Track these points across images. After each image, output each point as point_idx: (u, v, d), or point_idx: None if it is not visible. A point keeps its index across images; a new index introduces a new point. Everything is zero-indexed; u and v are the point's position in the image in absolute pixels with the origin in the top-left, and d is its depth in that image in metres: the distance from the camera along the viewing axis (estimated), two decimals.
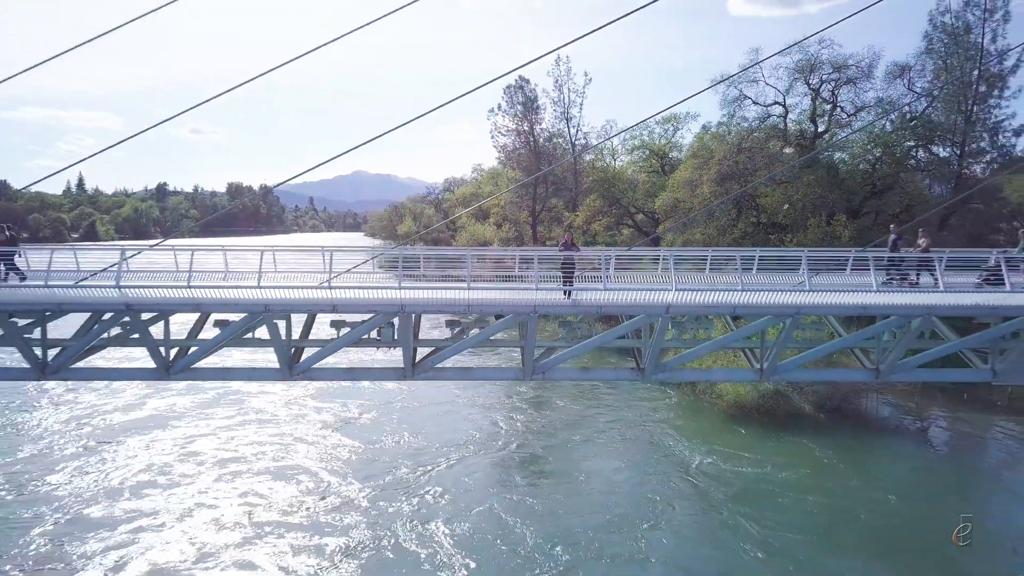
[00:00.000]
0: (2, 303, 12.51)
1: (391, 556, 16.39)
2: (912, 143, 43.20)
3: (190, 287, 12.58)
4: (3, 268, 14.61)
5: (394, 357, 15.51)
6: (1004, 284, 13.32)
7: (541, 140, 63.01)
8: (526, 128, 61.97)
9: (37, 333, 13.63)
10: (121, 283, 12.46)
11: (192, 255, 13.31)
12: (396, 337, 13.87)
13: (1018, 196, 43.89)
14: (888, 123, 43.64)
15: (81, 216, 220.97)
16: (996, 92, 37.62)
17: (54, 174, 15.10)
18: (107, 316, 12.94)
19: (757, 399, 25.49)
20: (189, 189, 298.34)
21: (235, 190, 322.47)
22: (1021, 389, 27.76)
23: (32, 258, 16.19)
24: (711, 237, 41.29)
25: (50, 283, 13.51)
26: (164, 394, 28.75)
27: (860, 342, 14.36)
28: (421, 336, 15.05)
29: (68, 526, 17.85)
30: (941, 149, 42.92)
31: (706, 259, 15.55)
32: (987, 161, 38.97)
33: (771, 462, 22.12)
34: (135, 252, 13.34)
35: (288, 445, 23.60)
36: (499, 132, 63.26)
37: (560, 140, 65.42)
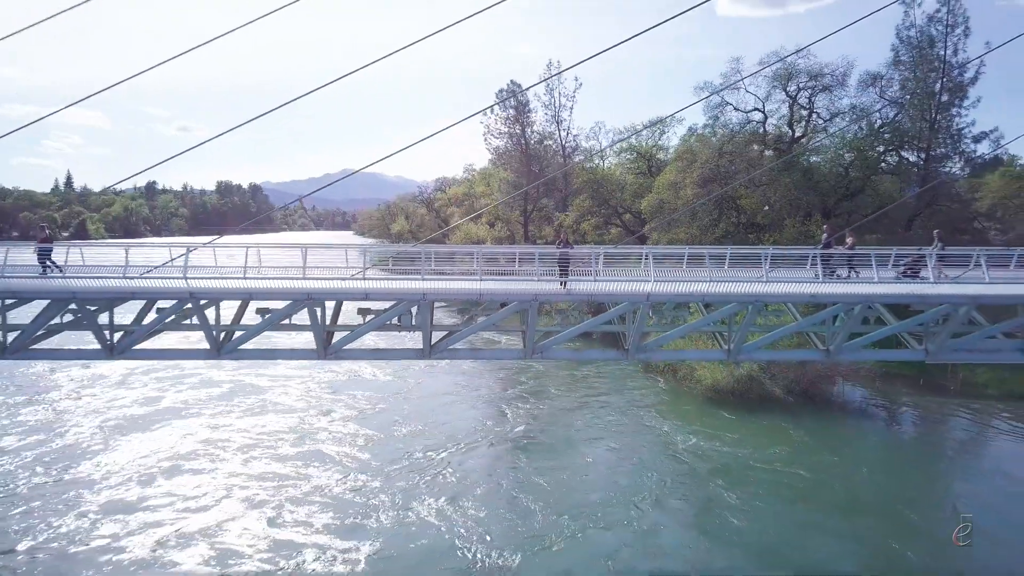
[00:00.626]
0: (82, 291, 14.64)
1: (414, 527, 18.51)
2: (882, 148, 45.93)
3: (245, 278, 14.78)
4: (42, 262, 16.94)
5: (408, 341, 17.74)
6: (918, 277, 15.84)
7: (532, 142, 65.30)
8: (518, 131, 64.24)
9: (104, 319, 15.78)
10: (186, 275, 14.65)
11: (246, 252, 15.52)
12: (415, 322, 16.13)
13: (993, 197, 46.77)
14: (861, 129, 46.33)
15: (71, 214, 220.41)
16: (958, 101, 40.32)
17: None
18: (169, 304, 15.10)
19: (732, 384, 27.95)
20: (177, 187, 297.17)
21: (224, 188, 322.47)
22: (971, 376, 30.42)
23: (84, 253, 18.30)
24: (694, 236, 43.75)
25: (104, 276, 15.83)
26: (198, 379, 30.78)
27: (813, 327, 16.78)
28: (434, 322, 17.31)
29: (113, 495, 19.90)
30: (910, 154, 45.68)
31: (683, 256, 17.92)
32: (950, 166, 41.64)
33: (748, 440, 24.49)
34: (193, 248, 15.49)
35: (309, 429, 25.71)
36: (492, 135, 65.54)
37: (550, 143, 67.83)
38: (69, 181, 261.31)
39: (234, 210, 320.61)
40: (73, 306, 15.32)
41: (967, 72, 39.14)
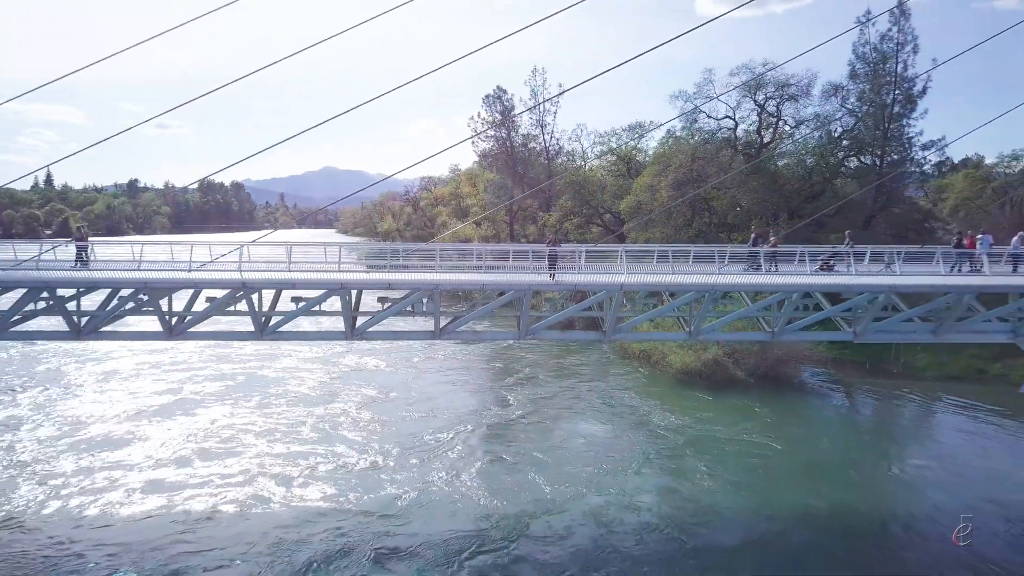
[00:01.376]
0: (154, 282, 17.50)
1: (426, 492, 21.41)
2: (842, 154, 49.70)
3: (290, 271, 17.73)
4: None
5: (415, 325, 20.71)
6: (832, 270, 19.28)
7: (517, 145, 68.37)
8: (504, 134, 67.30)
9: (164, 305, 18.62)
10: (241, 268, 17.59)
11: (290, 249, 18.47)
12: (426, 308, 19.15)
13: (957, 197, 50.75)
14: (823, 136, 50.06)
15: (52, 212, 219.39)
16: (908, 112, 44.11)
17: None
18: (223, 293, 18.00)
19: (700, 367, 31.28)
20: (157, 184, 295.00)
21: (207, 187, 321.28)
22: (911, 360, 34.10)
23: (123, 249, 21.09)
24: (669, 235, 47.12)
25: (167, 268, 18.80)
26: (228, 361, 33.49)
27: (760, 312, 20.09)
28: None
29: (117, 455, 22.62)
30: (867, 160, 49.46)
31: (654, 253, 21.15)
32: (901, 171, 45.39)
33: (717, 417, 27.65)
34: (243, 245, 18.37)
35: (329, 412, 28.55)
36: (479, 138, 68.46)
37: (535, 145, 70.95)
38: (49, 178, 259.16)
39: (216, 208, 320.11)
40: (124, 293, 18.26)
41: (916, 86, 42.89)
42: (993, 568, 16.93)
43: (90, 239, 21.41)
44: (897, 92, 43.63)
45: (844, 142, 48.79)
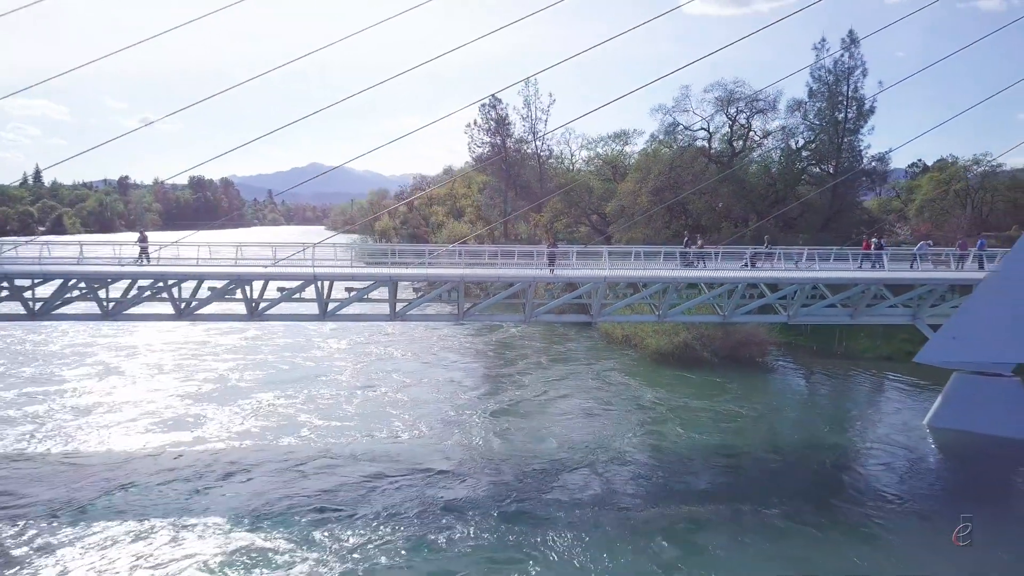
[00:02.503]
0: (246, 275, 22.66)
1: (434, 461, 26.48)
2: (803, 164, 55.53)
3: (352, 266, 22.99)
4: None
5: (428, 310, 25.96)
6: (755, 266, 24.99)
7: (511, 150, 73.64)
8: (499, 141, 72.55)
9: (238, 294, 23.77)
10: (314, 264, 22.83)
11: (352, 250, 23.69)
12: (451, 296, 24.47)
13: (923, 198, 56.72)
14: (787, 147, 55.87)
15: (44, 209, 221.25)
16: (859, 127, 49.96)
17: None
18: (296, 283, 23.21)
19: (672, 349, 36.72)
20: (143, 180, 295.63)
21: (197, 184, 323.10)
22: (852, 344, 39.84)
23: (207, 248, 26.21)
24: (649, 236, 52.55)
25: (251, 265, 24.05)
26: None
27: (713, 299, 25.59)
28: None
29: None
30: (825, 169, 55.30)
31: (631, 252, 26.61)
32: (854, 179, 51.25)
33: (690, 391, 32.65)
34: (310, 245, 23.56)
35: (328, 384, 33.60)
36: (475, 144, 73.75)
37: (527, 149, 76.23)
38: (38, 174, 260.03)
39: (206, 205, 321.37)
40: (211, 284, 23.43)
41: (865, 105, 48.75)
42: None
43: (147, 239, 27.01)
44: (849, 110, 49.42)
45: (805, 153, 54.61)
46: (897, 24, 35.41)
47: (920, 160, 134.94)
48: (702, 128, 57.73)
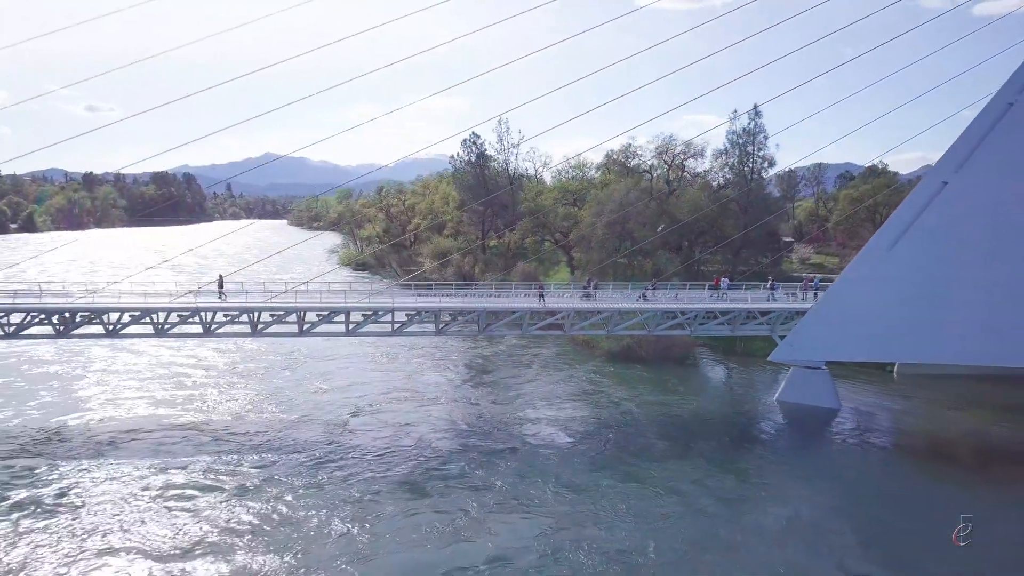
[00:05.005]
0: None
1: (427, 442, 39.74)
2: (723, 201, 70.57)
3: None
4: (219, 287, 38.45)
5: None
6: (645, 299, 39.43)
7: (488, 179, 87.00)
8: (478, 171, 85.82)
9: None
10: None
11: (412, 286, 36.97)
12: (471, 319, 37.91)
13: (840, 213, 71.72)
14: (711, 187, 70.85)
15: (11, 205, 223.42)
16: (765, 172, 65.27)
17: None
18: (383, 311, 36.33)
19: (619, 349, 50.87)
20: (90, 171, 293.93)
21: (160, 179, 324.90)
22: (750, 345, 54.81)
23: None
24: (603, 257, 66.72)
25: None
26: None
27: (643, 320, 39.74)
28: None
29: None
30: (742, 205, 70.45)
31: (590, 294, 40.53)
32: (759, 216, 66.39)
33: (631, 381, 46.44)
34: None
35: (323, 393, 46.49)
36: (457, 171, 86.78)
37: (499, 170, 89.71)
38: None
39: (171, 201, 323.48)
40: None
41: (766, 163, 64.10)
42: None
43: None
44: (754, 163, 64.68)
45: (724, 190, 69.76)
46: (844, 17, 48.63)
47: (848, 171, 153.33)
48: (645, 171, 72.33)
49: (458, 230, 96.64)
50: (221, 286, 38.92)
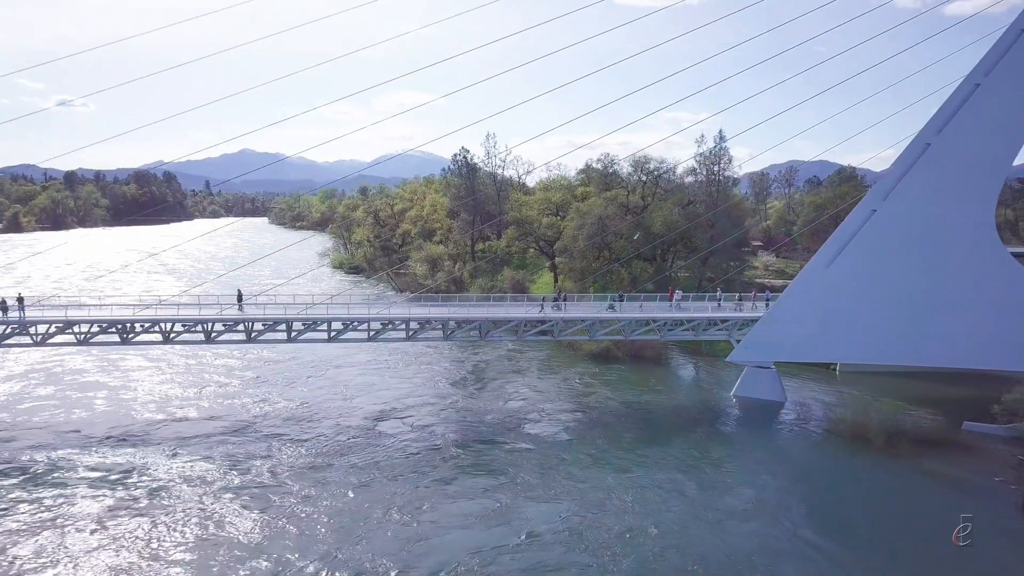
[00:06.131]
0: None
1: (444, 416, 46.20)
2: (696, 221, 77.86)
3: (408, 309, 42.58)
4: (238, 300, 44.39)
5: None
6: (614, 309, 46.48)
7: (477, 189, 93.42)
8: (468, 182, 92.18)
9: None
10: (408, 310, 42.42)
11: (442, 302, 43.40)
12: (475, 326, 44.45)
13: (806, 217, 79.34)
14: (681, 201, 78.03)
15: None
16: (730, 190, 72.60)
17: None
18: (399, 320, 42.70)
19: (599, 351, 57.70)
20: (59, 166, 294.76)
21: (141, 178, 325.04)
22: (714, 347, 62.06)
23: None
24: (585, 266, 73.70)
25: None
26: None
27: (620, 327, 46.62)
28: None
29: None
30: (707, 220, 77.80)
31: (574, 296, 47.28)
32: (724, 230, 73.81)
33: (616, 383, 53.09)
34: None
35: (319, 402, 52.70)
36: (450, 184, 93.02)
37: (488, 181, 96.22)
38: None
39: (152, 200, 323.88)
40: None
41: (730, 181, 71.39)
42: None
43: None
44: (719, 182, 72.04)
45: (692, 206, 77.06)
46: (818, 17, 53.97)
47: (816, 177, 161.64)
48: (622, 187, 79.36)
49: (448, 237, 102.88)
50: (240, 299, 44.28)
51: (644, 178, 79.22)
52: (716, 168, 71.61)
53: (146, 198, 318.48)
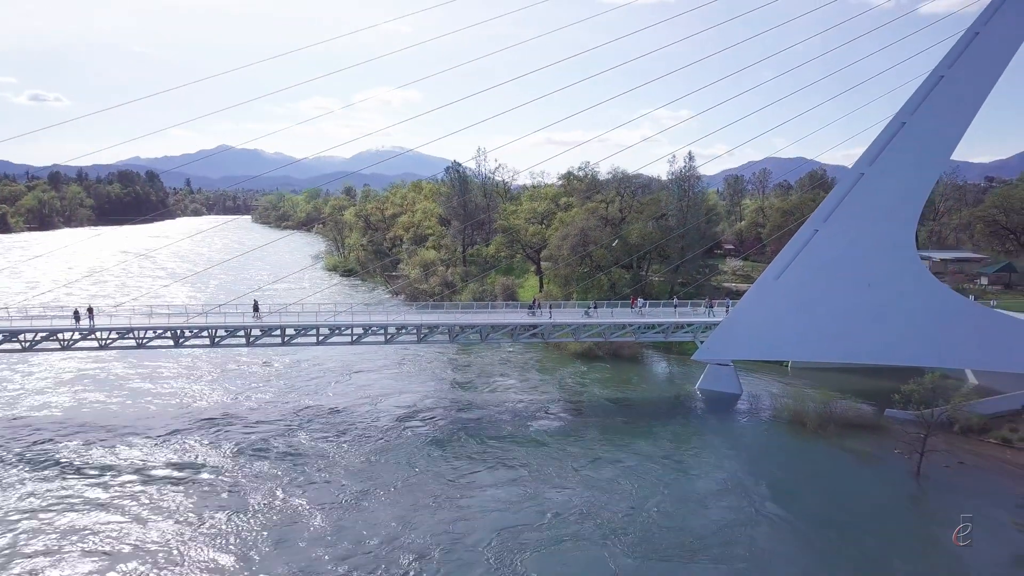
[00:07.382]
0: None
1: (444, 408, 53.40)
2: (669, 236, 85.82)
3: (419, 315, 49.79)
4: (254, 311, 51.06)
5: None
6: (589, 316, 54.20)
7: (468, 199, 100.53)
8: (459, 193, 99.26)
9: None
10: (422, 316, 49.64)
11: (459, 307, 50.61)
12: (476, 330, 51.76)
13: (774, 222, 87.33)
14: (656, 216, 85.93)
15: None
16: (700, 206, 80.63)
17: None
18: (412, 325, 49.88)
19: (583, 350, 65.18)
20: (31, 163, 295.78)
21: (125, 177, 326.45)
22: (684, 346, 69.99)
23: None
24: (569, 273, 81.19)
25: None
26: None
27: (600, 329, 54.27)
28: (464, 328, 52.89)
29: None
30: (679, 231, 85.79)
31: (559, 303, 54.79)
32: (694, 241, 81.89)
33: (602, 381, 60.60)
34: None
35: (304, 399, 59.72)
36: (442, 195, 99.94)
37: (479, 201, 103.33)
38: None
39: (135, 199, 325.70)
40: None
41: (699, 199, 79.43)
42: None
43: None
44: (690, 196, 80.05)
45: (665, 219, 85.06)
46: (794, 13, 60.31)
47: (786, 179, 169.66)
48: (603, 201, 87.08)
49: (440, 243, 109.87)
50: (256, 308, 50.35)
51: (622, 194, 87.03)
52: (686, 186, 79.57)
53: (130, 198, 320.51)
